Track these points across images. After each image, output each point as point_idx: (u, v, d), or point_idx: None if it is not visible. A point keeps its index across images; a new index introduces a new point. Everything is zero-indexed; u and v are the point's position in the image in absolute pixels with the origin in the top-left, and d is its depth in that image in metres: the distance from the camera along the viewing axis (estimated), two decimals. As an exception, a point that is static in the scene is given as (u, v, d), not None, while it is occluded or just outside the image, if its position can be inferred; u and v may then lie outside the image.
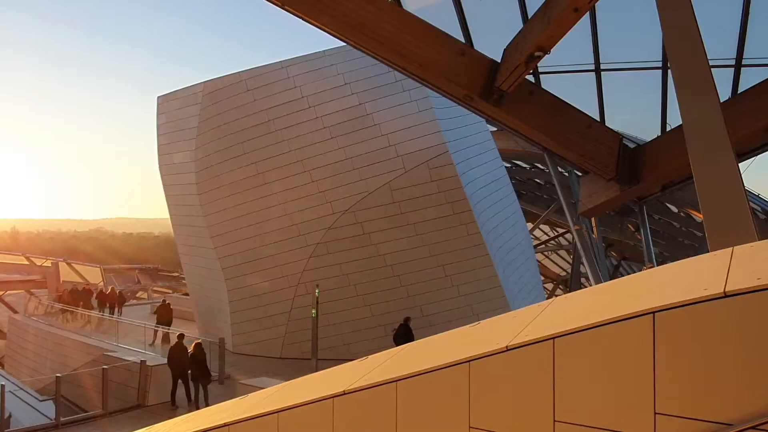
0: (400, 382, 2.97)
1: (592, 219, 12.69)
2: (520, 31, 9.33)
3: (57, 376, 14.72)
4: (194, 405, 14.48)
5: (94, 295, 29.71)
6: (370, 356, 3.86)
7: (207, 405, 13.86)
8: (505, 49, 9.64)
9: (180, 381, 14.86)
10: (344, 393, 3.27)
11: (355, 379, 3.32)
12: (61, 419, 13.92)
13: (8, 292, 38.92)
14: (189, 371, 14.73)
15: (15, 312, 32.49)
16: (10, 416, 14.23)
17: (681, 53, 5.32)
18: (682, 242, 25.63)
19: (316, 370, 7.92)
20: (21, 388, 17.12)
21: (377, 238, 18.57)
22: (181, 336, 15.46)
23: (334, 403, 3.34)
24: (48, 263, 40.41)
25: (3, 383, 14.34)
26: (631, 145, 10.91)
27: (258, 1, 9.29)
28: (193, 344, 15.03)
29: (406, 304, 18.77)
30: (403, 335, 15.86)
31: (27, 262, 41.26)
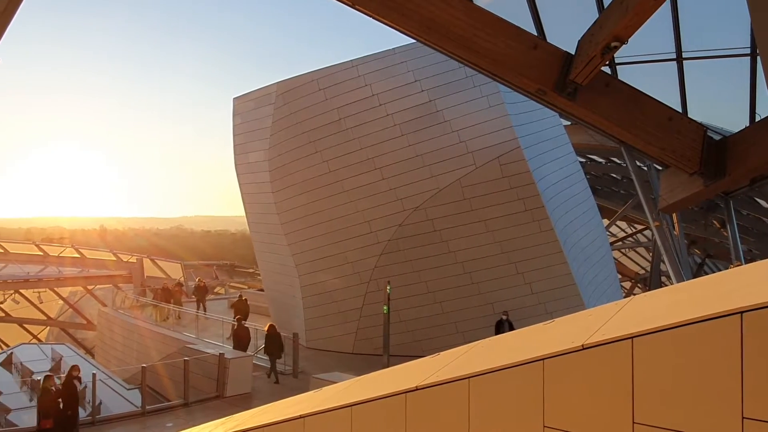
0: (472, 379, 2.95)
1: (674, 215, 12.15)
2: (595, 22, 9.04)
3: (143, 367, 15.48)
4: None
5: (205, 286, 31.00)
6: (441, 353, 3.86)
7: (277, 378, 17.38)
8: (579, 41, 9.37)
9: None
10: (416, 389, 3.28)
11: (428, 375, 3.33)
12: (147, 407, 14.65)
13: (98, 286, 41.18)
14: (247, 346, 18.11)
15: (104, 305, 34.37)
16: (100, 403, 15.10)
17: (772, 38, 5.01)
18: (773, 239, 24.16)
19: (388, 366, 7.99)
20: (110, 377, 18.09)
21: (448, 235, 18.49)
22: (239, 319, 19.09)
23: (406, 398, 3.36)
24: (133, 259, 42.30)
25: (94, 372, 15.24)
26: (717, 137, 10.36)
27: (329, 2, 9.43)
28: (267, 325, 18.20)
29: (477, 301, 18.62)
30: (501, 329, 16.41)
31: (114, 258, 43.39)
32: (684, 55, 9.76)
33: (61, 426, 12.03)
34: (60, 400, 12.19)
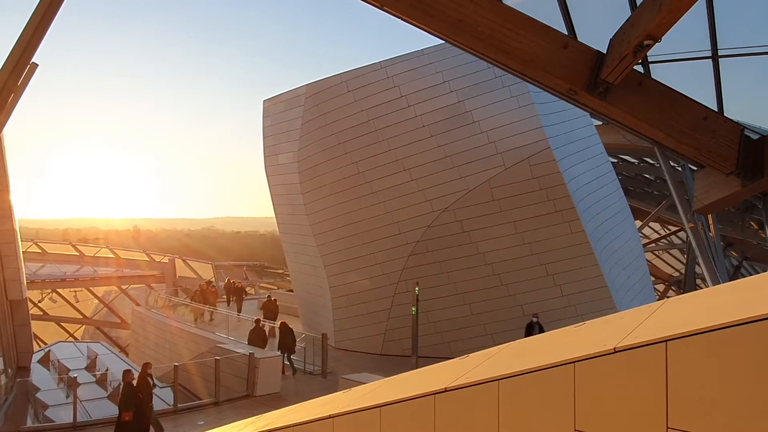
0: (502, 381, 2.93)
1: (709, 216, 11.87)
2: (627, 20, 8.90)
3: (175, 365, 15.71)
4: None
5: (243, 287, 31.37)
6: (471, 354, 3.84)
7: (294, 372, 18.11)
8: (611, 39, 9.23)
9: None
10: (445, 390, 3.27)
11: (457, 376, 3.32)
12: (179, 405, 14.88)
13: (131, 286, 42.01)
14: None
15: (137, 304, 34.99)
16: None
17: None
18: (813, 241, 23.44)
19: (416, 368, 7.98)
20: (144, 375, 18.39)
21: (477, 237, 18.39)
22: (257, 320, 19.43)
23: (435, 399, 3.35)
24: (165, 260, 43.04)
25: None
26: (754, 137, 10.10)
27: (357, 3, 9.47)
28: (279, 323, 18.88)
29: (507, 303, 18.48)
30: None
31: (147, 259, 44.19)
32: (720, 52, 9.53)
33: (139, 420, 12.34)
34: (140, 395, 12.50)
